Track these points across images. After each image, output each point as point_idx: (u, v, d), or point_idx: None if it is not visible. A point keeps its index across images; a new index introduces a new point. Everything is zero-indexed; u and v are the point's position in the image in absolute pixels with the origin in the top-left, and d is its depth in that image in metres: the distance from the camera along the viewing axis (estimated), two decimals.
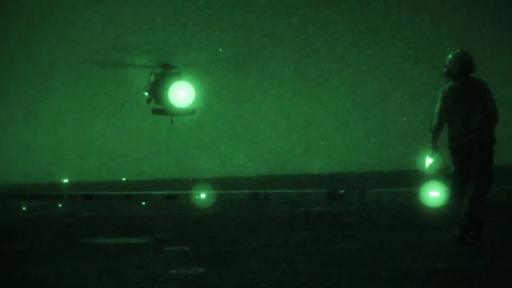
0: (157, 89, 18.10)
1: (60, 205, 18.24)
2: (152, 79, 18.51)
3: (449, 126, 7.19)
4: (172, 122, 18.78)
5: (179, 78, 17.94)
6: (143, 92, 18.90)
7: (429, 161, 7.41)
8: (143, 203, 18.10)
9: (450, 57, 7.23)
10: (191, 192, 19.41)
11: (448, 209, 10.81)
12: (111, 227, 10.58)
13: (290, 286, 5.07)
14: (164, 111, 18.47)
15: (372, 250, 6.83)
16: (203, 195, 18.30)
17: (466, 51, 7.25)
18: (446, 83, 7.30)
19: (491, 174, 7.02)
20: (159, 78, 18.16)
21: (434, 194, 13.22)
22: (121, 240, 8.57)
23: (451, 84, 7.22)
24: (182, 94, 17.67)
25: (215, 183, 26.68)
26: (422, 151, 7.49)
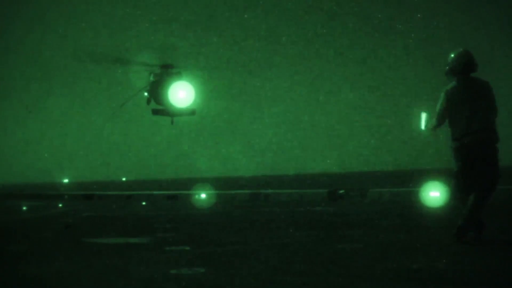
0: (157, 89, 18.08)
1: (60, 205, 18.24)
2: (151, 79, 18.48)
3: (451, 126, 7.18)
4: (172, 122, 18.76)
5: (179, 78, 17.92)
6: (142, 92, 18.88)
7: (423, 123, 7.42)
8: (143, 203, 18.09)
9: (452, 56, 7.24)
10: (191, 192, 19.41)
11: (450, 209, 10.83)
12: (111, 227, 10.58)
13: (291, 286, 5.06)
14: (164, 112, 18.45)
15: (372, 250, 6.82)
16: (203, 195, 18.30)
17: (468, 50, 7.25)
18: (448, 82, 7.30)
19: (496, 174, 7.02)
20: (158, 78, 18.13)
21: (434, 194, 13.26)
22: (121, 240, 8.57)
23: (453, 83, 7.22)
24: (182, 94, 17.67)
25: (215, 183, 26.69)
26: (418, 111, 7.47)
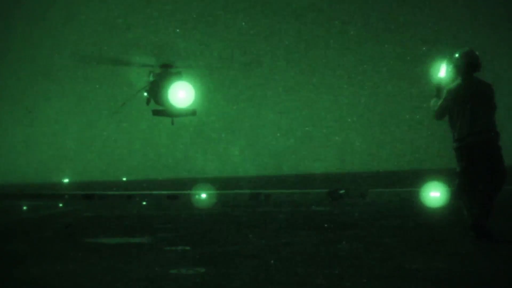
0: (157, 89, 18.02)
1: (60, 205, 18.23)
2: (151, 79, 18.42)
3: (453, 126, 7.19)
4: (172, 123, 18.72)
5: (179, 78, 17.87)
6: (142, 93, 18.82)
7: (443, 71, 7.39)
8: (143, 203, 18.09)
9: (457, 55, 7.25)
10: (192, 192, 19.40)
11: (450, 209, 10.82)
12: (112, 227, 10.58)
13: (291, 286, 5.06)
14: (165, 112, 18.40)
15: (372, 250, 6.82)
16: (203, 195, 18.29)
17: (473, 49, 7.26)
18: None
19: (504, 171, 7.02)
20: (158, 78, 18.08)
21: (434, 195, 13.25)
22: (121, 240, 8.57)
23: (457, 82, 7.23)
24: (182, 94, 17.63)
25: (216, 183, 26.69)
26: (439, 61, 7.44)
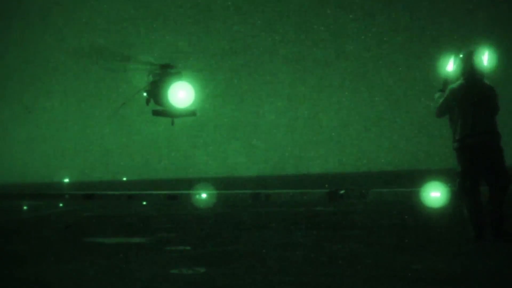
0: (156, 89, 18.00)
1: (61, 205, 18.24)
2: (150, 79, 18.41)
3: (454, 126, 7.19)
4: (172, 123, 18.71)
5: (178, 79, 17.86)
6: (142, 93, 18.82)
7: (451, 65, 7.40)
8: (144, 202, 18.09)
9: (461, 55, 7.27)
10: (192, 192, 19.41)
11: (451, 209, 10.82)
12: (112, 227, 10.58)
13: (290, 286, 5.06)
14: (165, 113, 18.39)
15: (372, 250, 6.82)
16: (204, 195, 18.30)
17: (478, 49, 7.27)
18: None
19: (505, 172, 7.01)
20: (158, 78, 18.07)
21: (434, 195, 13.26)
22: (121, 240, 8.57)
23: (460, 82, 7.23)
24: (182, 94, 17.62)
25: (216, 183, 26.69)
26: (448, 55, 7.45)
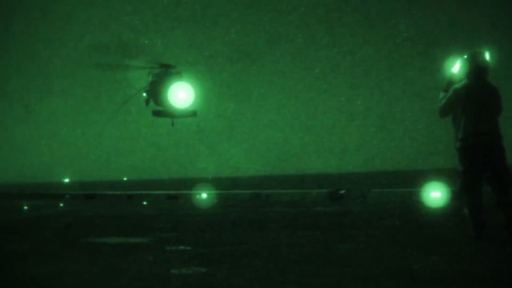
0: (156, 89, 18.00)
1: (61, 205, 18.24)
2: (150, 79, 18.41)
3: (456, 125, 7.20)
4: (172, 124, 18.70)
5: (178, 79, 17.86)
6: (141, 93, 18.82)
7: (457, 66, 7.41)
8: (144, 202, 18.09)
9: (466, 56, 7.28)
10: (192, 192, 19.41)
11: (451, 209, 10.82)
12: (112, 227, 10.58)
13: (290, 286, 5.06)
14: (165, 113, 18.39)
15: (373, 250, 6.82)
16: (204, 195, 18.30)
17: (483, 51, 7.27)
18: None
19: (507, 172, 7.02)
20: (157, 78, 18.06)
21: (435, 195, 13.26)
22: (122, 240, 8.57)
23: (464, 82, 7.24)
24: (182, 95, 17.62)
25: (216, 183, 26.70)
26: (456, 57, 7.46)
